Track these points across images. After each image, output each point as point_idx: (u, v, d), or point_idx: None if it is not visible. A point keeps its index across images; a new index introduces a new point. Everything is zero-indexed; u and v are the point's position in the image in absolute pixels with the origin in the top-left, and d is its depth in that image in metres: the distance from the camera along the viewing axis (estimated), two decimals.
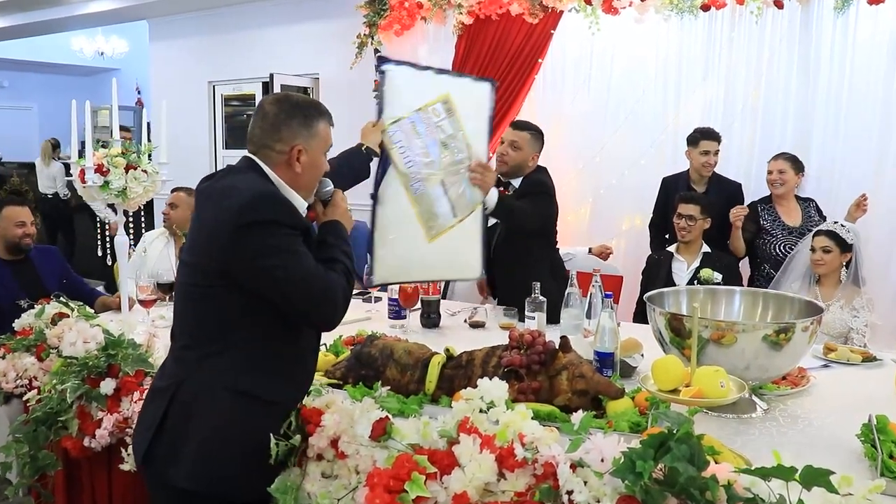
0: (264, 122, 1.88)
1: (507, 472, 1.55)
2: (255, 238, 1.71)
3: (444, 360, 2.23)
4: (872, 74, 4.45)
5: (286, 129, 1.87)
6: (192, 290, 1.83)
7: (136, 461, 1.90)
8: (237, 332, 1.78)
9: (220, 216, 1.74)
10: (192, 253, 1.84)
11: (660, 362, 1.81)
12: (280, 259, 1.72)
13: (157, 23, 8.22)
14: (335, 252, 1.90)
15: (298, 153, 1.88)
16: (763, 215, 4.12)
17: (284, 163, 1.88)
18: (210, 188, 1.87)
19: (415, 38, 5.88)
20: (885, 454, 1.73)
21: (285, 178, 1.88)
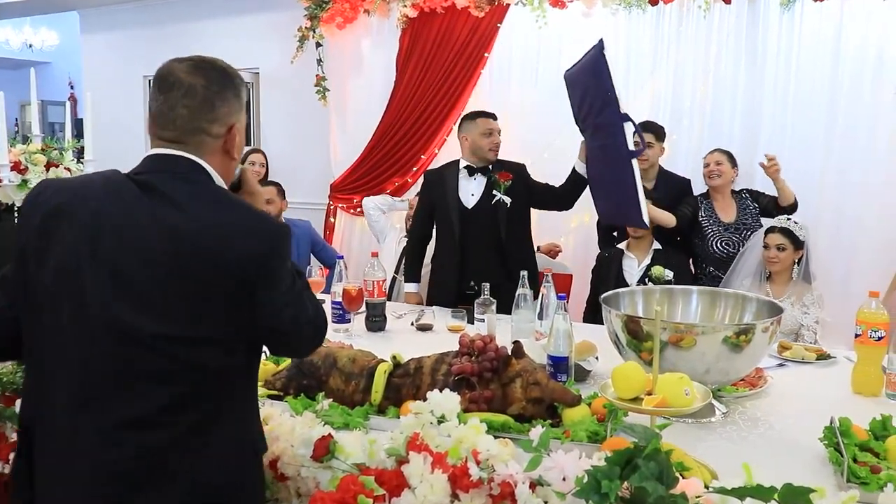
0: (192, 98, 1.45)
1: (462, 492, 1.44)
2: (280, 285, 1.41)
3: (390, 367, 2.11)
4: (818, 69, 4.49)
5: (223, 105, 1.49)
6: (184, 372, 1.36)
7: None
8: (236, 388, 1.47)
9: (227, 272, 1.36)
10: (160, 320, 1.34)
11: (620, 369, 1.72)
12: (300, 302, 1.45)
13: (89, 14, 7.90)
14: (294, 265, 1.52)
15: (236, 134, 1.51)
16: (700, 212, 4.09)
17: (220, 150, 1.48)
18: (159, 217, 1.36)
19: (358, 32, 5.74)
20: (850, 458, 1.67)
21: (220, 169, 1.48)
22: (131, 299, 1.33)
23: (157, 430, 1.34)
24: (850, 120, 4.45)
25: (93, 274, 1.34)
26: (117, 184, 1.40)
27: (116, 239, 1.35)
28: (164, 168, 1.42)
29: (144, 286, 1.33)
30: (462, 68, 5.29)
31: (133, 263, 1.34)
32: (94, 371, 1.34)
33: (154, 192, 1.37)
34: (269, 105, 6.82)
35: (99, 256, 1.34)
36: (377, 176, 5.68)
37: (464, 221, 3.73)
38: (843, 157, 4.48)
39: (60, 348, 1.37)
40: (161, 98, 1.45)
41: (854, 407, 2.18)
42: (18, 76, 11.60)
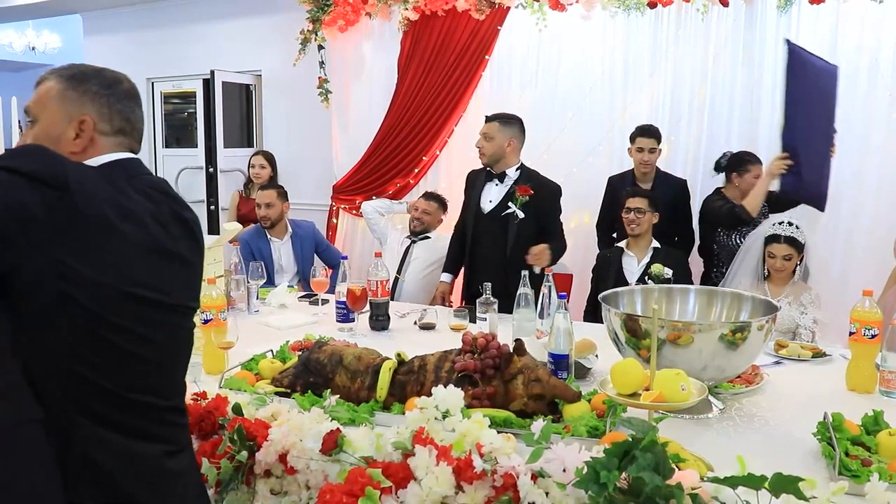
0: (140, 107, 1.54)
1: (466, 484, 1.49)
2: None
3: (395, 365, 2.16)
4: None
5: None
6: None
7: None
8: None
9: (201, 242, 1.54)
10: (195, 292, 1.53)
11: (619, 366, 1.77)
12: None
13: (92, 17, 7.95)
14: None
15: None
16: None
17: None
18: (180, 211, 1.48)
19: (359, 34, 5.80)
20: (842, 452, 1.72)
21: None
22: (189, 284, 1.50)
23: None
24: (845, 122, 4.49)
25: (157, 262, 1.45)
26: (140, 185, 1.45)
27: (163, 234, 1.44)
28: (147, 172, 1.51)
29: (192, 270, 1.51)
30: (463, 71, 5.34)
31: (179, 250, 1.45)
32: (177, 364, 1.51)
33: (163, 193, 1.47)
34: (271, 107, 6.86)
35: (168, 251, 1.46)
36: (379, 177, 5.73)
37: (477, 224, 3.78)
38: (839, 159, 4.51)
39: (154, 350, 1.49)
40: (139, 113, 1.53)
41: (848, 403, 2.22)
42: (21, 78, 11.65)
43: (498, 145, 3.67)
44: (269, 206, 4.44)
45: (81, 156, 1.42)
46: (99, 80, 1.48)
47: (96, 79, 1.48)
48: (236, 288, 3.36)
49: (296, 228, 4.56)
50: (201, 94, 7.17)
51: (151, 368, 1.36)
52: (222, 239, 2.91)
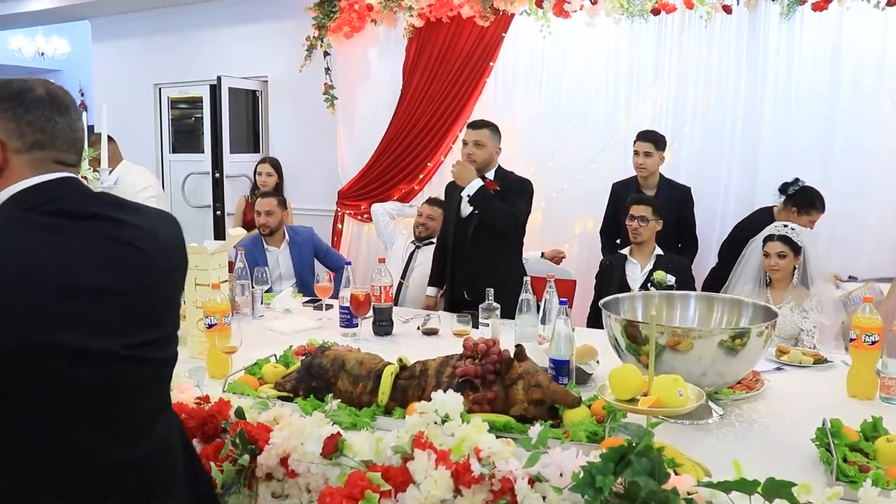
0: (81, 120, 1.41)
1: (464, 488, 1.50)
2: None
3: (397, 370, 2.18)
4: (817, 78, 4.55)
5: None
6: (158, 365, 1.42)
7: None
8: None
9: (180, 266, 1.50)
10: (150, 327, 1.38)
11: (617, 371, 1.78)
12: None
13: (100, 23, 8.01)
14: None
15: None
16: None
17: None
18: (116, 240, 1.33)
19: (365, 41, 5.83)
20: (840, 458, 1.73)
21: None
22: (118, 319, 1.32)
23: (155, 427, 1.40)
24: (849, 128, 4.50)
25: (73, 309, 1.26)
26: (51, 223, 1.29)
27: (94, 270, 1.29)
28: (82, 194, 1.35)
29: (128, 302, 1.34)
30: (467, 77, 5.37)
31: (117, 285, 1.32)
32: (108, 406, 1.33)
33: (97, 218, 1.33)
34: (277, 113, 6.90)
35: (82, 288, 1.28)
36: (384, 183, 5.76)
37: (456, 231, 3.81)
38: (843, 166, 4.53)
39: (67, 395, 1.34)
40: (62, 119, 1.35)
41: (848, 410, 2.21)
42: None
43: (489, 152, 3.68)
44: (270, 213, 4.45)
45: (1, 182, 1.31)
46: (5, 93, 1.32)
47: (4, 92, 1.33)
48: (241, 293, 3.39)
49: (293, 235, 4.55)
50: (208, 99, 7.22)
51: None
52: (227, 244, 2.93)
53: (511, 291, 3.07)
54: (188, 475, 1.50)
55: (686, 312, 2.50)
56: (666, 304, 2.52)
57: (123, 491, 1.32)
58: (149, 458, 1.37)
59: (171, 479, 1.43)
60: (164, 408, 1.46)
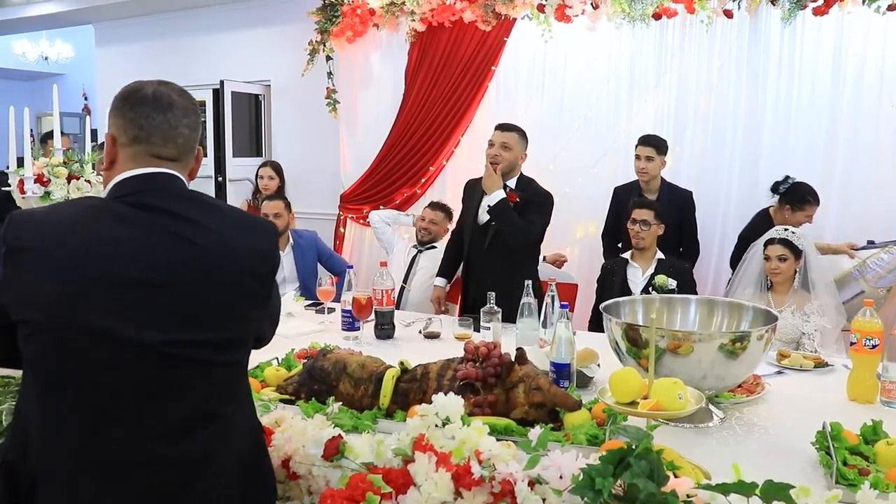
0: (190, 119, 1.51)
1: (464, 490, 1.51)
2: (275, 282, 1.57)
3: (398, 373, 2.19)
4: (818, 82, 4.57)
5: (201, 129, 1.57)
6: (206, 368, 1.42)
7: None
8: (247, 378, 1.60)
9: (249, 271, 1.46)
10: (199, 327, 1.40)
11: (617, 374, 1.79)
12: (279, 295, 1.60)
13: (103, 27, 8.05)
14: None
15: (200, 158, 1.59)
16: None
17: (190, 170, 1.55)
18: (179, 234, 1.40)
19: (367, 45, 5.86)
20: (840, 461, 1.74)
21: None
22: (159, 312, 1.36)
23: (183, 440, 1.39)
24: (850, 132, 4.52)
25: (106, 296, 1.34)
26: (118, 211, 1.42)
27: (138, 260, 1.37)
28: (162, 187, 1.45)
29: (174, 298, 1.37)
30: (469, 81, 5.39)
31: (163, 279, 1.37)
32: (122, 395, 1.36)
33: (162, 212, 1.41)
34: (279, 117, 6.92)
35: (121, 277, 1.35)
36: (387, 187, 5.77)
37: (473, 235, 3.80)
38: (845, 169, 4.54)
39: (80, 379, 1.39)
40: (161, 117, 1.47)
41: (849, 413, 2.22)
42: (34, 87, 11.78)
43: (515, 156, 3.67)
44: (277, 216, 4.46)
45: (110, 172, 1.48)
46: (121, 94, 1.50)
47: (121, 93, 1.50)
48: None
49: (297, 239, 4.56)
50: (211, 103, 7.23)
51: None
52: None
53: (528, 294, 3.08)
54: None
55: (687, 316, 2.51)
56: (667, 308, 2.53)
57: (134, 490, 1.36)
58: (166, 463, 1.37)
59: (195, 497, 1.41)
60: (210, 417, 1.43)
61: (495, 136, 3.71)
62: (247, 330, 1.50)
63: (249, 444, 1.55)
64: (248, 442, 1.54)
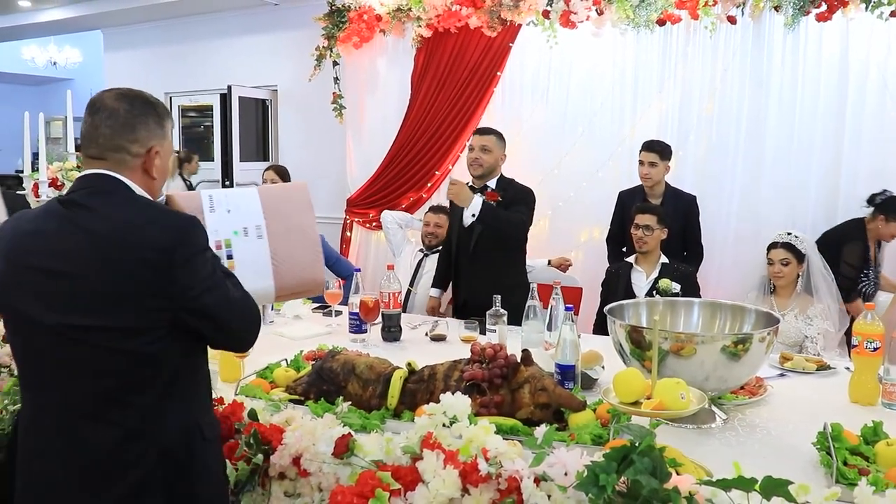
0: (114, 120, 1.59)
1: (472, 487, 1.55)
2: (196, 273, 1.54)
3: (405, 374, 2.22)
4: (822, 88, 4.59)
5: (143, 129, 1.61)
6: (114, 357, 1.52)
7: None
8: (181, 376, 1.61)
9: (143, 263, 1.50)
10: (97, 315, 1.50)
11: (621, 375, 1.82)
12: (220, 288, 1.58)
13: (112, 32, 8.11)
14: (216, 258, 1.66)
15: (155, 156, 1.64)
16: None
17: (140, 168, 1.62)
18: (77, 228, 1.53)
19: (374, 51, 5.90)
20: (840, 461, 1.77)
21: (141, 185, 1.62)
22: (61, 297, 1.52)
23: (101, 420, 1.53)
24: (855, 138, 4.53)
25: (28, 280, 1.55)
26: (49, 207, 1.61)
27: (44, 250, 1.54)
28: (86, 185, 1.59)
29: (73, 283, 1.51)
30: (475, 86, 5.43)
31: (61, 266, 1.52)
32: (45, 370, 1.57)
33: (74, 205, 1.56)
34: (286, 121, 6.97)
35: (30, 267, 1.55)
36: (393, 191, 5.81)
37: (459, 240, 3.85)
38: (849, 174, 4.56)
39: (16, 350, 1.64)
40: (89, 120, 1.61)
41: (851, 415, 2.25)
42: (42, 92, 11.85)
43: (495, 158, 3.72)
44: None
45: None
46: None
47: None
48: None
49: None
50: (218, 108, 7.29)
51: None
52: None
53: (516, 299, 3.11)
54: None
55: (690, 318, 2.54)
56: (670, 311, 2.56)
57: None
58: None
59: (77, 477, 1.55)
60: (122, 403, 1.53)
61: (474, 139, 3.78)
62: (150, 320, 1.53)
63: (178, 441, 1.59)
64: (176, 438, 1.58)
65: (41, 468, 1.57)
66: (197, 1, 6.86)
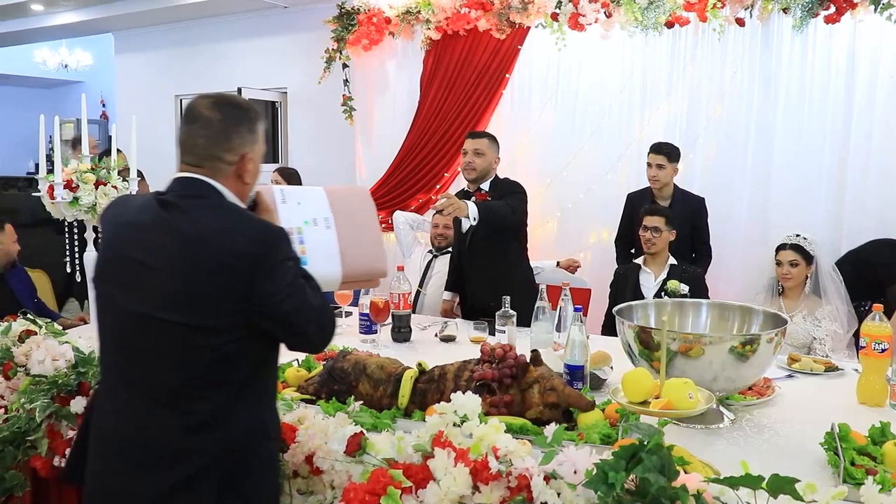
0: (209, 129, 1.67)
1: (482, 484, 1.57)
2: (277, 280, 1.60)
3: (416, 374, 2.25)
4: (831, 90, 4.59)
5: (237, 137, 1.68)
6: (194, 352, 1.59)
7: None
8: (254, 377, 1.68)
9: (227, 267, 1.57)
10: (182, 311, 1.58)
11: (630, 375, 1.84)
12: (300, 295, 1.64)
13: (123, 35, 8.16)
14: (298, 265, 1.72)
15: (248, 162, 1.71)
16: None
17: (234, 174, 1.70)
18: (171, 228, 1.62)
19: (383, 53, 5.93)
20: (847, 461, 1.78)
21: (234, 191, 1.70)
22: (150, 289, 1.60)
23: (173, 409, 1.60)
24: (863, 139, 4.53)
25: (123, 268, 1.66)
26: (147, 202, 1.69)
27: (140, 243, 1.64)
28: (181, 188, 1.67)
29: (161, 279, 1.59)
30: (484, 89, 5.45)
31: (152, 261, 1.61)
32: (129, 353, 1.65)
33: (169, 205, 1.64)
34: (296, 123, 7.00)
35: (126, 256, 1.65)
36: (402, 193, 5.83)
37: (459, 243, 3.87)
38: (857, 177, 4.56)
39: (104, 328, 1.72)
40: (185, 128, 1.70)
41: (858, 416, 2.25)
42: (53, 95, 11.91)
43: (488, 161, 3.69)
44: None
45: None
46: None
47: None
48: None
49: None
50: None
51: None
52: None
53: (520, 298, 3.12)
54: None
55: (698, 320, 2.55)
56: (678, 312, 2.57)
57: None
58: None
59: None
60: (194, 397, 1.61)
61: (467, 143, 3.75)
62: (229, 322, 1.59)
63: (243, 438, 1.64)
64: (241, 436, 1.64)
65: (107, 446, 1.67)
66: (207, 4, 6.89)
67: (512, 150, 5.26)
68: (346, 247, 2.05)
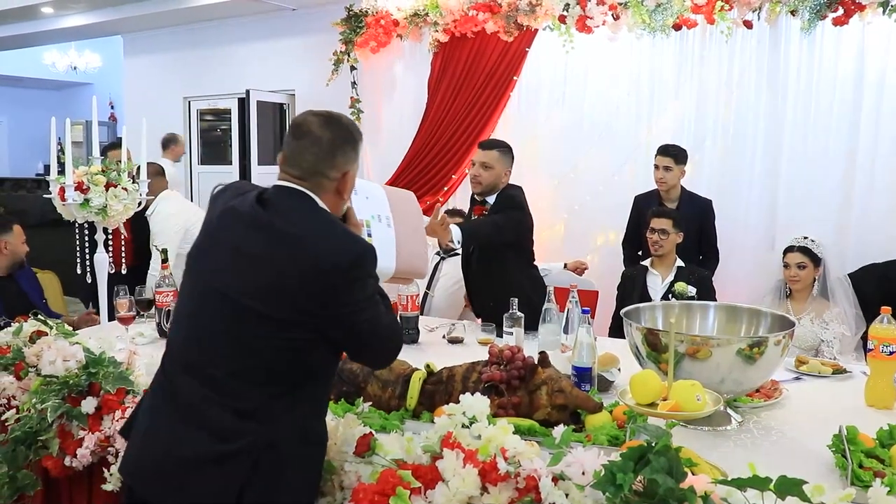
0: (318, 148, 1.74)
1: (491, 486, 1.57)
2: (357, 293, 1.67)
3: (424, 375, 2.26)
4: (838, 92, 4.59)
5: (341, 156, 1.77)
6: (260, 341, 1.66)
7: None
8: (310, 380, 1.73)
9: (316, 270, 1.63)
10: (263, 300, 1.65)
11: (637, 377, 1.85)
12: (373, 310, 1.72)
13: (132, 38, 8.21)
14: (377, 283, 1.79)
15: (349, 179, 1.80)
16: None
17: (333, 189, 1.78)
18: (269, 223, 1.69)
19: (391, 56, 5.95)
20: (855, 464, 1.78)
21: (330, 205, 1.78)
22: (241, 275, 1.68)
23: (226, 395, 1.66)
24: (871, 142, 4.53)
25: (220, 251, 1.74)
26: (250, 195, 1.76)
27: (240, 231, 1.72)
28: (282, 193, 1.75)
29: (255, 267, 1.67)
30: (492, 91, 5.46)
31: (247, 249, 1.69)
32: (198, 331, 1.73)
33: (269, 203, 1.72)
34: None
35: (225, 240, 1.74)
36: None
37: (465, 249, 3.77)
38: (865, 179, 4.55)
39: (181, 302, 1.81)
40: (294, 143, 1.77)
41: (866, 419, 2.24)
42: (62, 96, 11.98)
43: (496, 175, 3.48)
44: None
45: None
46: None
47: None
48: None
49: None
50: (236, 112, 7.35)
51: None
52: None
53: (525, 301, 3.10)
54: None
55: (705, 322, 2.56)
56: (686, 314, 2.57)
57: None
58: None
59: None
60: (261, 384, 1.67)
61: (476, 154, 3.57)
62: (299, 321, 1.65)
63: (285, 438, 1.67)
64: (286, 434, 1.67)
65: (156, 410, 1.75)
66: (215, 6, 6.93)
67: (519, 153, 5.24)
68: (401, 245, 2.21)
